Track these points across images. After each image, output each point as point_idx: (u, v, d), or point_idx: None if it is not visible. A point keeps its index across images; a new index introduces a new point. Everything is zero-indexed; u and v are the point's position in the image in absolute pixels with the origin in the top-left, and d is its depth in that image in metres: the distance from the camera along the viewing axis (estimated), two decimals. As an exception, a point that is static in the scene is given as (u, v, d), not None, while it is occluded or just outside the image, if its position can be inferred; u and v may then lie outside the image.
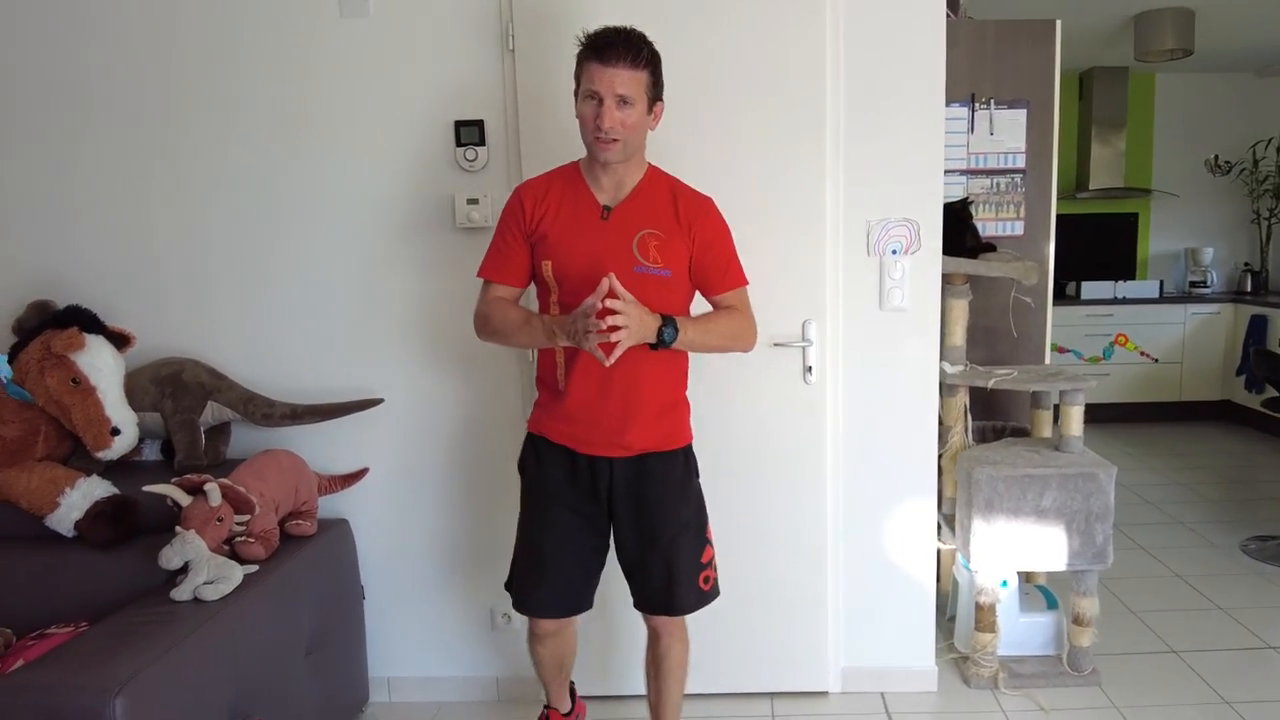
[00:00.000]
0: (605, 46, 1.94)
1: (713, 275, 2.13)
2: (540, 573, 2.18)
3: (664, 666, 2.27)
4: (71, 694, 1.78)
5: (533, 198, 2.10)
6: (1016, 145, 3.26)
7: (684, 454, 2.19)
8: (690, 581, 2.16)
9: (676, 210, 2.09)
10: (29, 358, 2.47)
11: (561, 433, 2.14)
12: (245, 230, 2.70)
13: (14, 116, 2.69)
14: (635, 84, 1.96)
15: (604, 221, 2.06)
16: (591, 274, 1.97)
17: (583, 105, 1.99)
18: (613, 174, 2.07)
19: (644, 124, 2.03)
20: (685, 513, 2.16)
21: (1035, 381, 2.81)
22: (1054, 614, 2.91)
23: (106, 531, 2.40)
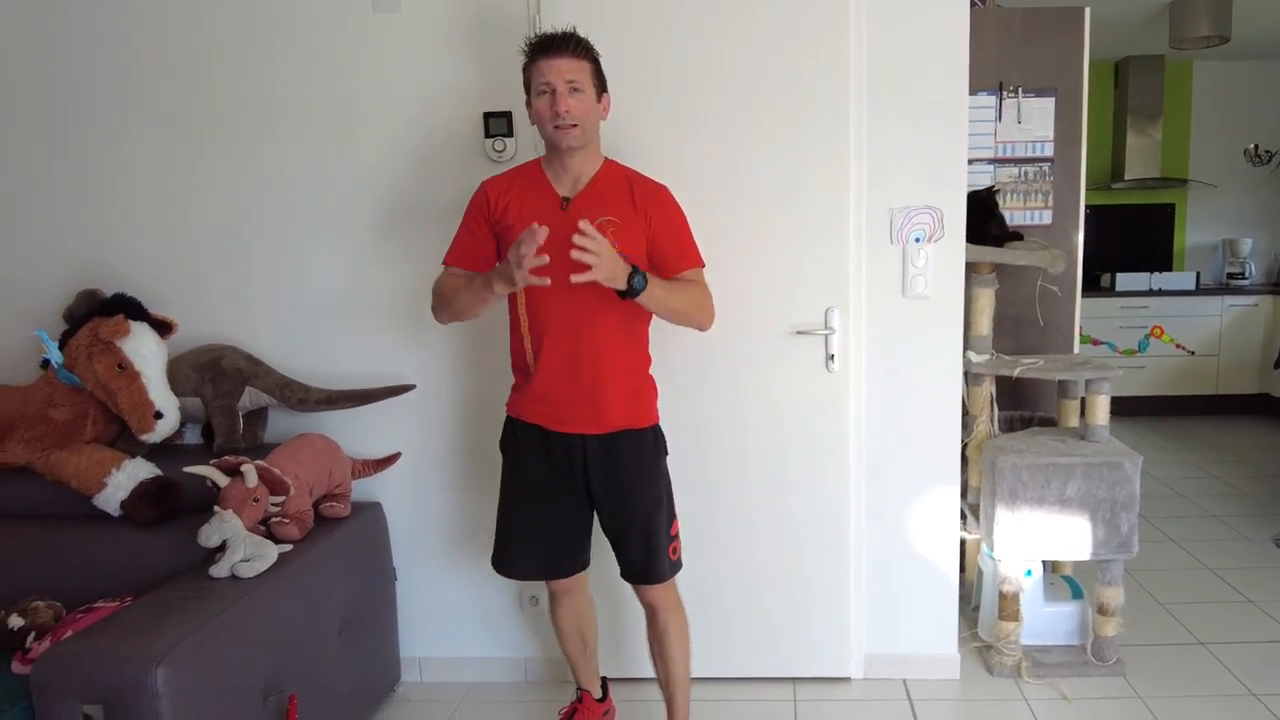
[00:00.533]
0: (549, 43, 2.11)
1: (670, 256, 2.24)
2: (520, 541, 2.33)
3: (666, 639, 2.35)
4: (116, 663, 1.86)
5: (496, 190, 2.24)
6: (1045, 134, 3.25)
7: (653, 432, 2.30)
8: (663, 554, 2.29)
9: (633, 197, 2.21)
10: (78, 344, 2.56)
11: (535, 413, 2.26)
12: (281, 221, 2.77)
13: (66, 116, 2.79)
14: (581, 72, 2.12)
15: (564, 212, 2.17)
16: (555, 262, 2.02)
17: (538, 101, 2.13)
18: (571, 166, 2.19)
19: (596, 111, 2.18)
20: (657, 489, 2.28)
21: (1061, 370, 2.81)
22: (1079, 604, 2.91)
23: (150, 511, 2.49)
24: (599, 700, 2.59)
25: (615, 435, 2.23)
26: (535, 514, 2.31)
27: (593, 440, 2.22)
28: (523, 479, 2.30)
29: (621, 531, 2.29)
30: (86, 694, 1.86)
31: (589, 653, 2.54)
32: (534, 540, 2.33)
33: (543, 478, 2.28)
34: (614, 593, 2.68)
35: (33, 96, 2.79)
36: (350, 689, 2.55)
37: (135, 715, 1.84)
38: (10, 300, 2.87)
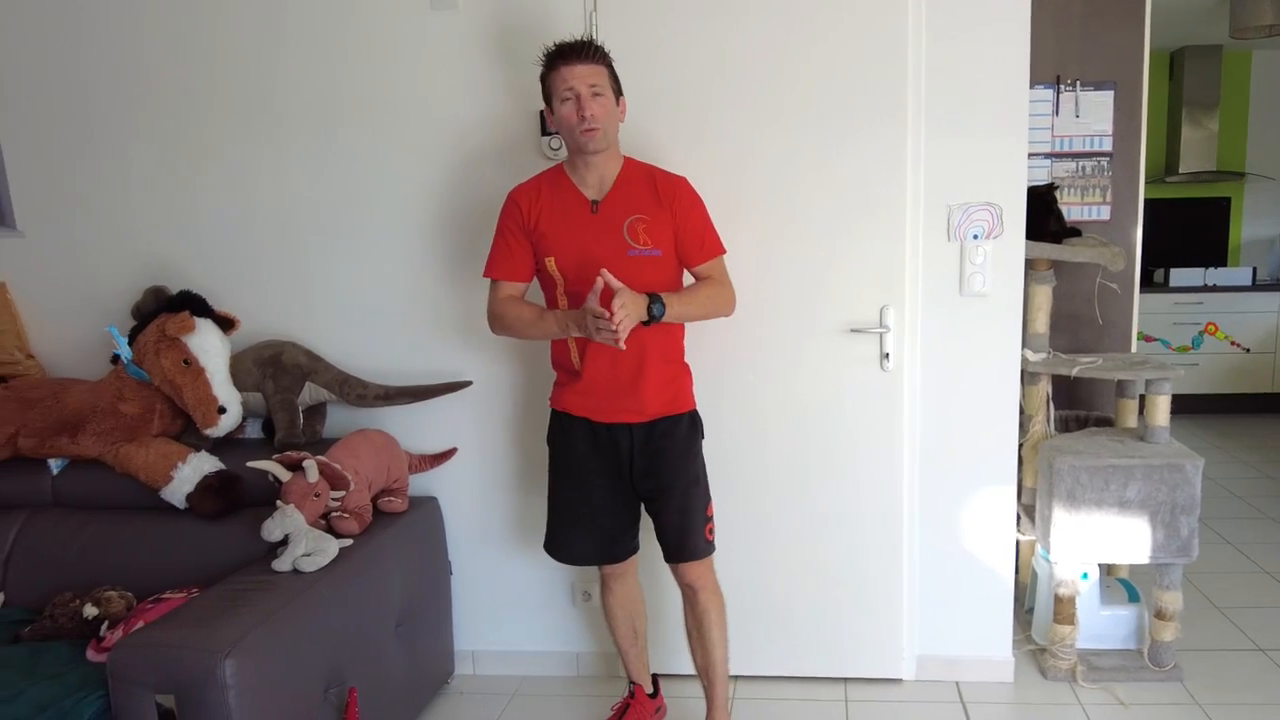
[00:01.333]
0: (568, 51, 2.19)
1: (694, 247, 2.32)
2: (572, 526, 2.42)
3: (705, 624, 2.40)
4: (188, 654, 1.92)
5: (526, 199, 2.31)
6: (1103, 127, 3.20)
7: (689, 417, 2.39)
8: (699, 532, 2.36)
9: (656, 193, 2.28)
10: (146, 340, 2.63)
11: (581, 406, 2.34)
12: (341, 219, 2.82)
13: (136, 119, 2.85)
14: (599, 76, 2.20)
15: (594, 215, 2.26)
16: (591, 261, 2.20)
17: (562, 107, 2.19)
18: (595, 169, 2.27)
19: (615, 114, 2.25)
20: (695, 467, 2.37)
21: (1120, 370, 2.77)
22: (1135, 608, 2.88)
23: (214, 504, 2.55)
24: (651, 696, 2.61)
25: (655, 422, 2.33)
26: (587, 500, 2.39)
27: (637, 428, 2.32)
28: (573, 468, 2.39)
29: (660, 509, 2.37)
30: (160, 683, 1.92)
31: (640, 643, 2.59)
32: (587, 525, 2.41)
33: (592, 466, 2.36)
34: (656, 589, 2.70)
35: (105, 101, 2.85)
36: (406, 682, 2.59)
37: (205, 705, 1.89)
38: (83, 297, 2.95)
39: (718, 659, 2.41)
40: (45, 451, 2.67)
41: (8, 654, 2.26)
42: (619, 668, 2.89)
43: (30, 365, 2.97)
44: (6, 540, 2.63)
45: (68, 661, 2.20)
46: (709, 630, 2.40)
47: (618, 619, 2.55)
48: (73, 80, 2.86)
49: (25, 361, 2.96)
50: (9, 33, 2.86)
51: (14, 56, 2.87)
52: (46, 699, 1.99)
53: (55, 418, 2.66)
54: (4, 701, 2.00)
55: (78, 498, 2.69)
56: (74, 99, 2.87)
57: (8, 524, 2.66)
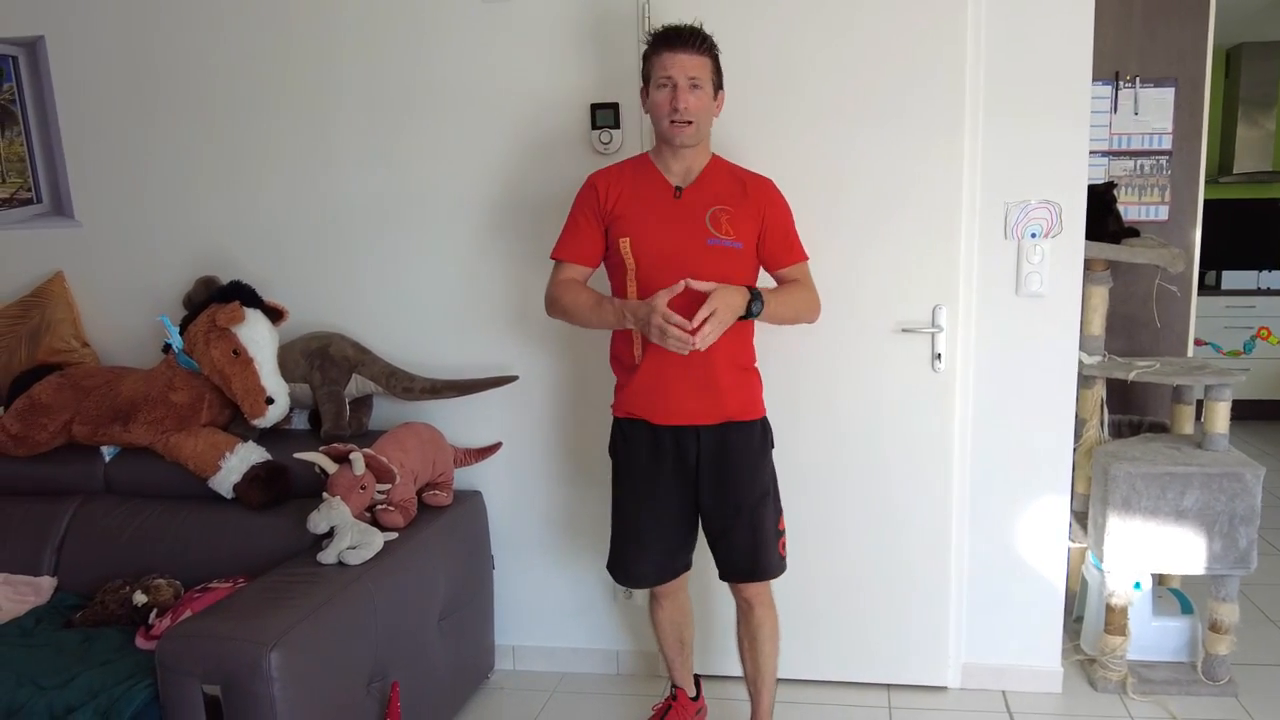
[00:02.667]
0: (674, 36, 2.11)
1: (779, 250, 2.25)
2: (638, 548, 2.33)
3: (759, 638, 2.35)
4: (234, 645, 1.93)
5: (605, 183, 2.24)
6: (1163, 126, 3.12)
7: (761, 425, 2.29)
8: (772, 548, 2.28)
9: (744, 189, 2.22)
10: (197, 330, 2.65)
11: (641, 406, 2.25)
12: (390, 213, 2.82)
13: (189, 118, 2.89)
14: (702, 68, 2.12)
15: (677, 200, 2.19)
16: (668, 248, 2.14)
17: (656, 93, 2.12)
18: (682, 160, 2.19)
19: (711, 108, 2.18)
20: (765, 480, 2.28)
21: (1178, 375, 2.70)
22: (1189, 619, 2.81)
23: (261, 494, 2.56)
24: (693, 699, 2.59)
25: (726, 427, 2.22)
26: (648, 519, 2.30)
27: (705, 431, 2.21)
28: (634, 479, 2.30)
29: (727, 526, 2.26)
30: (206, 674, 1.93)
31: (686, 652, 2.54)
32: (647, 543, 2.32)
33: (653, 479, 2.26)
34: (706, 590, 2.67)
35: (164, 96, 2.89)
36: (448, 676, 2.59)
37: (251, 697, 1.90)
38: (138, 286, 2.99)
39: (767, 671, 2.38)
40: (98, 439, 2.71)
41: (61, 639, 2.30)
42: (658, 668, 2.88)
43: (86, 354, 3.01)
44: (60, 526, 2.67)
45: (118, 648, 2.23)
46: (762, 644, 2.35)
47: (665, 631, 2.49)
48: (132, 77, 2.89)
49: (81, 350, 3.00)
50: (73, 34, 2.91)
51: (76, 55, 2.92)
52: (97, 686, 2.01)
53: (108, 406, 2.70)
54: (57, 687, 2.03)
55: (129, 485, 2.73)
56: (132, 95, 2.90)
57: (61, 510, 2.69)
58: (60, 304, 3.00)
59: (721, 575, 2.35)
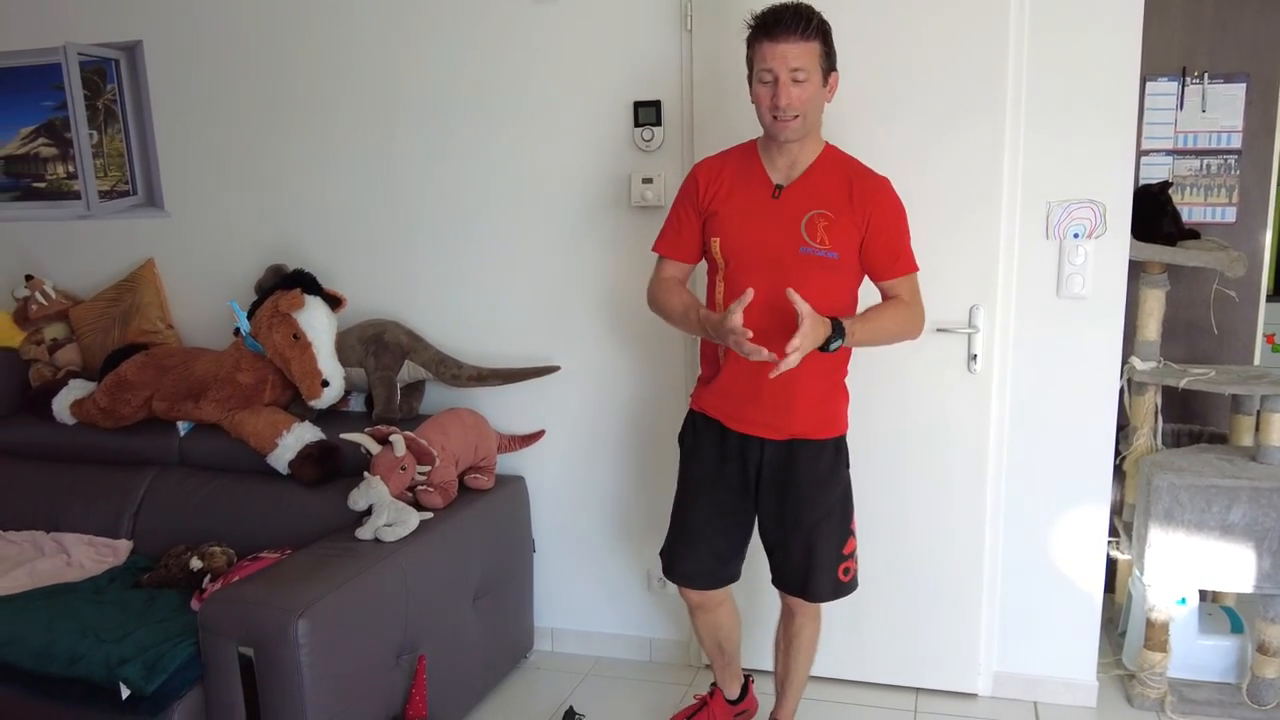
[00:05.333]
0: (774, 23, 1.94)
1: (883, 261, 2.10)
2: (688, 544, 2.26)
3: (795, 644, 2.32)
4: (266, 611, 2.08)
5: (707, 176, 2.14)
6: (1232, 123, 2.95)
7: (835, 444, 2.17)
8: (829, 570, 2.18)
9: (850, 191, 2.06)
10: (262, 315, 2.82)
11: (717, 407, 2.18)
12: (443, 207, 2.94)
13: (261, 117, 3.08)
14: (807, 56, 1.94)
15: (774, 200, 2.07)
16: (758, 252, 2.04)
17: (758, 86, 1.99)
18: (788, 152, 2.07)
19: (820, 97, 2.02)
20: (829, 501, 2.16)
21: (1234, 383, 2.57)
22: (1238, 639, 2.67)
23: (313, 472, 2.72)
24: (732, 701, 2.52)
25: (793, 443, 2.12)
26: (702, 519, 2.24)
27: (770, 445, 2.13)
28: (699, 475, 2.23)
29: (783, 539, 2.19)
30: (242, 637, 2.09)
31: (726, 658, 2.47)
32: (697, 545, 2.25)
33: (716, 478, 2.20)
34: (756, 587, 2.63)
35: (247, 98, 3.09)
36: (483, 654, 2.70)
37: (279, 661, 2.05)
38: (217, 272, 3.21)
39: (798, 677, 2.36)
40: (174, 414, 2.93)
41: (128, 598, 2.50)
42: (690, 657, 2.93)
43: (169, 335, 3.25)
44: (138, 493, 2.91)
45: (175, 609, 2.41)
46: (798, 652, 2.33)
47: (704, 637, 2.43)
48: (218, 80, 3.11)
49: (165, 331, 3.24)
50: (168, 40, 3.14)
51: (170, 59, 3.15)
52: (148, 642, 2.19)
53: (184, 384, 2.91)
54: (115, 640, 2.21)
55: (200, 458, 2.93)
56: (219, 96, 3.12)
57: (139, 479, 2.93)
58: (149, 288, 3.24)
59: (774, 582, 2.29)
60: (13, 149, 3.40)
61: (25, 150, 3.39)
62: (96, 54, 3.21)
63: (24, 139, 3.38)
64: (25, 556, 2.75)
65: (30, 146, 3.38)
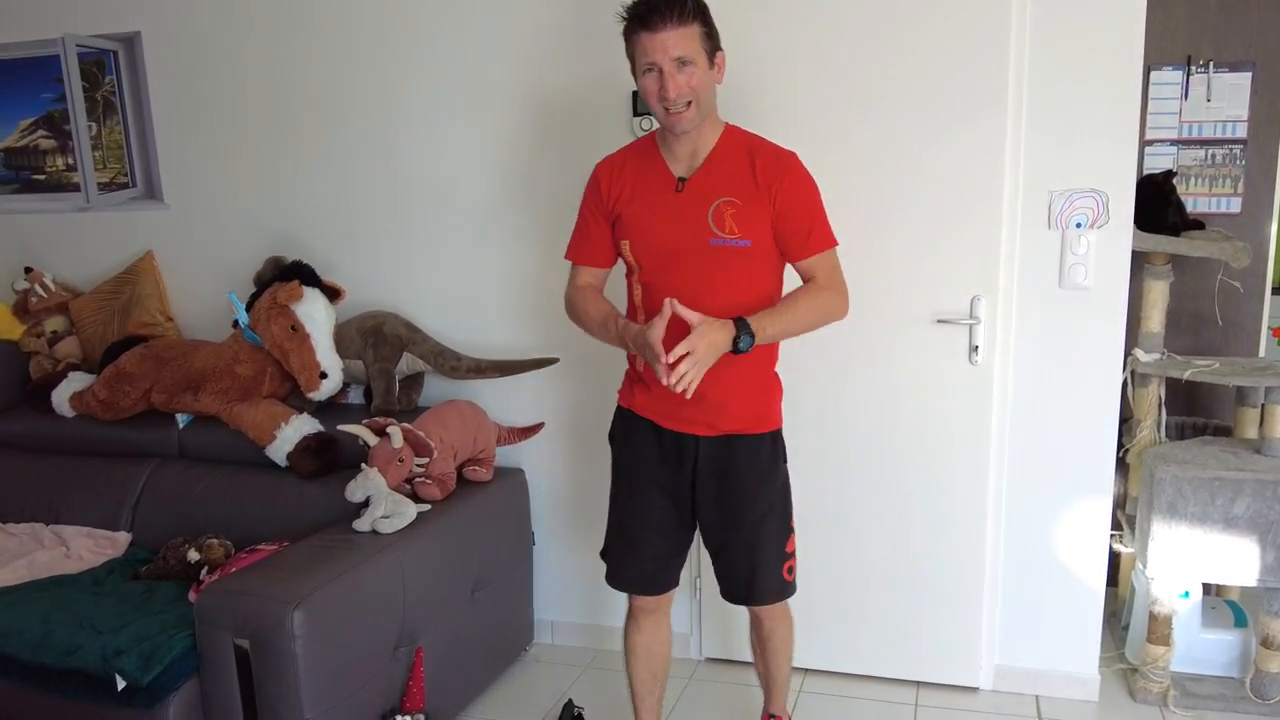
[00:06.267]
0: (648, 12, 1.85)
1: (795, 240, 1.99)
2: (628, 549, 2.17)
3: (770, 647, 2.26)
4: (261, 603, 2.07)
5: (609, 176, 2.07)
6: (1237, 113, 2.92)
7: (771, 438, 2.10)
8: (774, 569, 2.11)
9: (754, 173, 1.96)
10: (260, 306, 2.82)
11: (645, 406, 2.09)
12: (442, 198, 2.93)
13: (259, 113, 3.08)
14: (689, 41, 1.86)
15: (678, 194, 1.98)
16: (670, 251, 1.97)
17: (643, 80, 1.90)
18: (687, 141, 1.98)
19: (710, 81, 1.92)
20: (770, 496, 2.08)
21: (1238, 375, 2.55)
22: (1242, 633, 2.65)
23: (311, 464, 2.72)
24: None
25: (729, 439, 2.05)
26: (643, 516, 2.14)
27: (705, 441, 2.05)
28: (634, 477, 2.14)
29: (725, 541, 2.11)
30: (237, 628, 2.08)
31: (659, 693, 2.29)
32: (637, 547, 2.16)
33: (654, 475, 2.11)
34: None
35: (246, 93, 3.08)
36: (482, 646, 2.69)
37: (275, 652, 2.04)
38: (217, 264, 3.20)
39: (781, 674, 2.31)
40: (173, 406, 2.93)
41: (126, 589, 2.50)
42: (689, 650, 2.92)
43: (168, 327, 3.24)
44: (137, 486, 2.90)
45: (173, 601, 2.41)
46: (775, 653, 2.27)
47: (639, 659, 2.24)
48: (217, 72, 3.10)
49: (164, 324, 3.24)
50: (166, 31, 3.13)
51: (169, 50, 3.14)
52: (145, 633, 2.18)
53: (183, 376, 2.91)
54: (112, 631, 2.21)
55: (199, 451, 2.93)
56: (218, 88, 3.11)
57: (138, 471, 2.93)
58: (149, 280, 3.24)
59: (722, 594, 2.19)
60: (12, 141, 3.40)
61: (24, 142, 3.39)
62: (95, 46, 3.20)
63: (23, 131, 3.38)
64: (24, 548, 2.75)
65: (29, 139, 3.38)
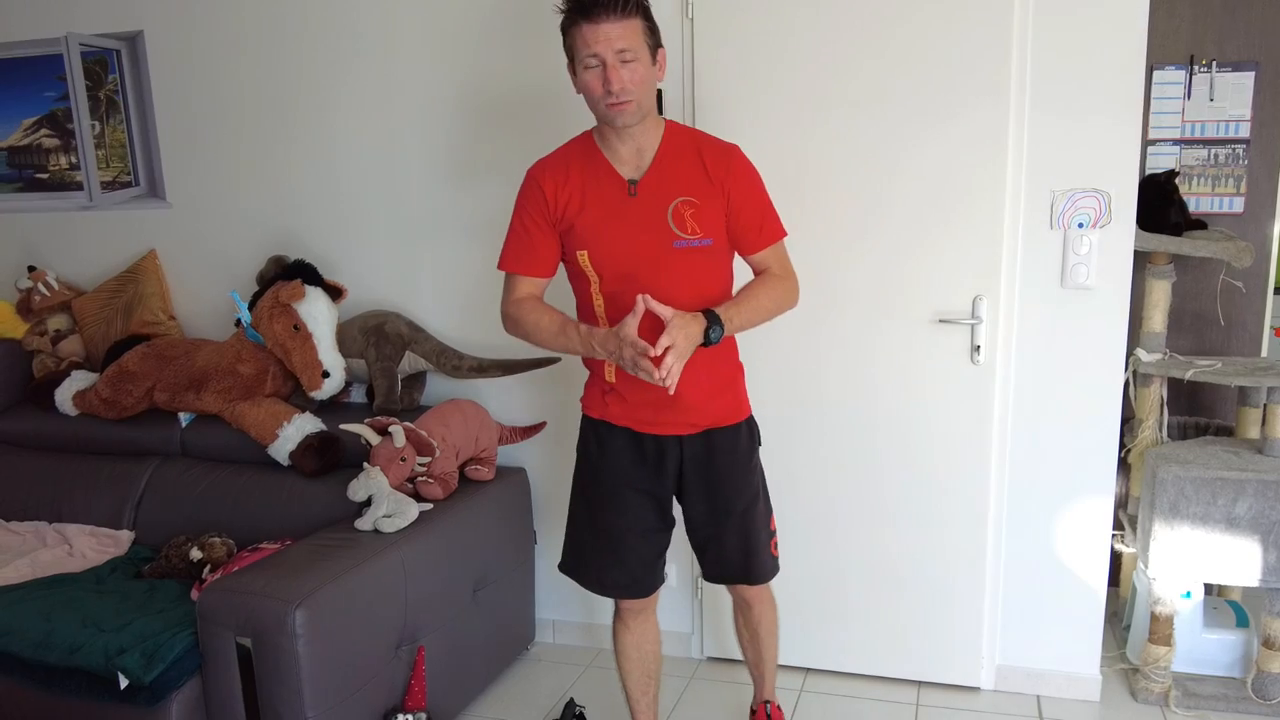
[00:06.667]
0: (590, 4, 1.82)
1: (749, 234, 2.00)
2: (615, 553, 2.14)
3: (759, 632, 2.32)
4: (263, 601, 2.08)
5: (553, 184, 1.99)
6: (1240, 112, 2.91)
7: (746, 425, 2.13)
8: (764, 550, 2.16)
9: (705, 169, 1.95)
10: (263, 306, 2.82)
11: (622, 415, 2.08)
12: (442, 200, 2.94)
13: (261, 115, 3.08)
14: (631, 35, 1.83)
15: (632, 198, 1.95)
16: (631, 257, 1.94)
17: (585, 74, 1.87)
18: (630, 140, 1.94)
19: (652, 77, 1.90)
20: (754, 482, 2.14)
21: (1240, 375, 2.54)
22: (1244, 633, 2.64)
23: (313, 463, 2.72)
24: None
25: (709, 434, 2.07)
26: (628, 522, 2.12)
27: (688, 440, 2.06)
28: (615, 484, 2.11)
29: (716, 530, 2.13)
30: (239, 627, 2.09)
31: (654, 692, 2.31)
32: (624, 551, 2.14)
33: (635, 482, 2.10)
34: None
35: (248, 93, 3.09)
36: (483, 644, 2.70)
37: (277, 651, 2.05)
38: (220, 264, 3.20)
39: (770, 659, 2.37)
40: (176, 405, 2.93)
41: (129, 588, 2.51)
42: (689, 648, 2.92)
43: (171, 326, 3.25)
44: (139, 484, 2.91)
45: (176, 599, 2.42)
46: (764, 639, 2.33)
47: (631, 661, 2.26)
48: (220, 70, 3.10)
49: (167, 323, 3.24)
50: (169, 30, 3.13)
51: (172, 49, 3.14)
52: (148, 631, 2.19)
53: (185, 375, 2.91)
54: (116, 629, 2.22)
55: (202, 449, 2.94)
56: (220, 87, 3.11)
57: (141, 470, 2.93)
58: (151, 279, 3.24)
59: (708, 577, 2.23)
60: (15, 140, 3.40)
61: (28, 141, 3.39)
62: (98, 44, 3.21)
63: (26, 130, 3.38)
64: (27, 547, 2.76)
65: (33, 137, 3.38)
